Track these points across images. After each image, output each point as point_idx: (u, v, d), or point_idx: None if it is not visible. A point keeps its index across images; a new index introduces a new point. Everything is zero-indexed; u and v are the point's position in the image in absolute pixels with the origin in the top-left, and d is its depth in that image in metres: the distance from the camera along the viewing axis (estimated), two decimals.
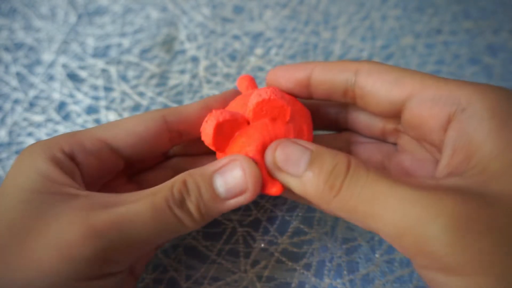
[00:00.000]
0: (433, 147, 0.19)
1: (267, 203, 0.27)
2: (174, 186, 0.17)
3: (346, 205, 0.16)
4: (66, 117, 0.32)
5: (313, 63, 0.20)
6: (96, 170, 0.20)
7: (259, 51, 0.36)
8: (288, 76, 0.21)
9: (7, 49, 0.37)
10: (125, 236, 0.16)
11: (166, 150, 0.23)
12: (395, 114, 0.18)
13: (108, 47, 0.37)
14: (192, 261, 0.25)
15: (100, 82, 0.34)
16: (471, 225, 0.13)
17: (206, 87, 0.34)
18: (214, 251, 0.25)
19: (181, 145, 0.24)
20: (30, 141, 0.31)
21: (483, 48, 0.35)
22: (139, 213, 0.16)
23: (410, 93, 0.17)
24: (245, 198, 0.18)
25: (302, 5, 0.40)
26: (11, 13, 0.40)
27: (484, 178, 0.14)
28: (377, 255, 0.24)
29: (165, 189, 0.17)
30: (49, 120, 0.32)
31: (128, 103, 0.33)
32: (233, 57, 0.36)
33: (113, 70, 0.35)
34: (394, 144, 0.23)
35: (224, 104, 0.22)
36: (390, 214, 0.14)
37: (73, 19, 0.39)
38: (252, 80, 0.23)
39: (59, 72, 0.35)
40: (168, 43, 0.37)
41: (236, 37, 0.37)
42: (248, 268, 0.24)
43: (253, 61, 0.35)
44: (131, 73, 0.35)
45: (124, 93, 0.34)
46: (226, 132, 0.18)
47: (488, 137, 0.15)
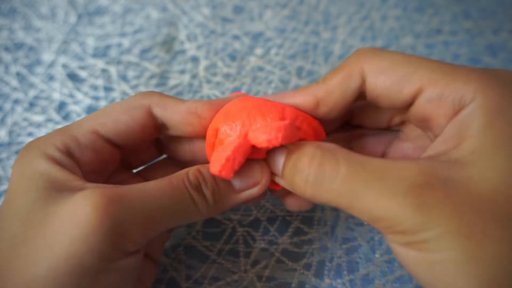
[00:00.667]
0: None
1: (267, 203, 0.27)
2: (190, 172, 0.18)
3: (321, 197, 0.16)
4: (66, 117, 0.32)
5: (312, 87, 0.19)
6: (95, 162, 0.20)
7: (259, 51, 0.36)
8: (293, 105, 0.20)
9: (7, 49, 0.37)
10: (140, 208, 0.16)
11: (154, 137, 0.22)
12: (404, 108, 0.19)
13: (108, 47, 0.37)
14: (192, 261, 0.25)
15: (100, 82, 0.34)
16: (432, 203, 0.14)
17: (206, 87, 0.34)
18: (214, 251, 0.25)
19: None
20: None
21: (483, 48, 0.35)
22: (158, 188, 0.16)
23: (419, 89, 0.17)
24: (257, 190, 0.19)
25: (302, 5, 0.40)
26: (11, 13, 0.40)
27: (453, 163, 0.15)
28: (377, 255, 0.24)
29: (182, 173, 0.18)
30: (49, 120, 0.32)
31: None
32: (233, 57, 0.36)
33: (113, 70, 0.35)
34: (397, 130, 0.23)
35: (214, 113, 0.20)
36: (365, 202, 0.15)
37: (73, 19, 0.39)
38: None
39: (59, 72, 0.35)
40: (168, 43, 0.37)
41: (236, 37, 0.37)
42: (248, 268, 0.24)
43: (253, 61, 0.35)
44: (131, 73, 0.35)
45: (124, 93, 0.34)
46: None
47: (476, 132, 0.15)
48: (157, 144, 0.24)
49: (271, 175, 0.19)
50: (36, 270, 0.15)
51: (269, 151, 0.19)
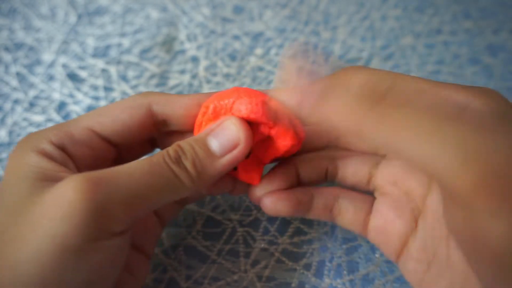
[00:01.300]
0: None
1: None
2: (169, 148, 0.18)
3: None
4: (66, 117, 0.32)
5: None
6: (90, 159, 0.20)
7: (259, 51, 0.36)
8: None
9: (7, 49, 0.37)
10: (122, 188, 0.16)
11: (152, 136, 0.22)
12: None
13: (108, 47, 0.37)
14: (192, 261, 0.25)
15: (100, 82, 0.34)
16: None
17: (206, 87, 0.34)
18: (214, 251, 0.25)
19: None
20: None
21: (483, 48, 0.35)
22: (137, 167, 0.17)
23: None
24: (239, 151, 0.19)
25: (302, 5, 0.40)
26: (11, 13, 0.40)
27: None
28: (377, 255, 0.24)
29: (162, 151, 0.18)
30: (49, 120, 0.32)
31: None
32: (233, 57, 0.36)
33: (113, 70, 0.35)
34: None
35: None
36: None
37: (73, 19, 0.39)
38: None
39: (59, 72, 0.35)
40: (168, 43, 0.37)
41: (236, 37, 0.37)
42: (248, 268, 0.24)
43: (253, 61, 0.35)
44: (131, 73, 0.35)
45: (124, 93, 0.34)
46: None
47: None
48: (150, 139, 0.24)
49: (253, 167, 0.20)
50: (21, 254, 0.15)
51: None
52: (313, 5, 0.40)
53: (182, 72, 0.35)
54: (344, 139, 0.23)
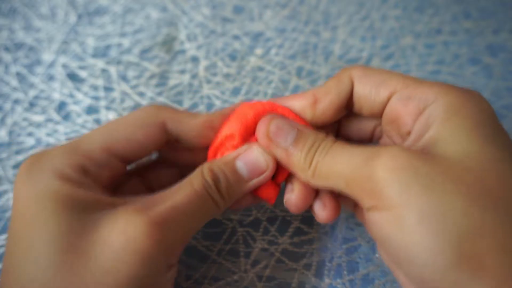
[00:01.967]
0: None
1: (267, 203, 0.27)
2: (205, 174, 0.19)
3: (316, 173, 0.19)
4: (66, 117, 0.32)
5: (311, 92, 0.21)
6: (107, 179, 0.20)
7: (259, 51, 0.36)
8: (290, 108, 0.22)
9: (7, 49, 0.37)
10: (180, 224, 0.17)
11: (160, 149, 0.23)
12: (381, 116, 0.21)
13: (108, 47, 0.37)
14: (192, 261, 0.25)
15: (100, 82, 0.34)
16: (398, 165, 0.16)
17: (206, 87, 0.34)
18: (214, 251, 0.25)
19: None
20: (30, 141, 0.31)
21: (483, 48, 0.35)
22: (188, 202, 0.18)
23: (393, 90, 0.20)
24: (265, 177, 0.20)
25: (302, 5, 0.40)
26: (11, 13, 0.40)
27: (419, 150, 0.17)
28: (377, 255, 0.24)
29: (199, 178, 0.19)
30: (49, 120, 0.32)
31: (128, 103, 0.33)
32: (233, 57, 0.36)
33: (113, 70, 0.35)
34: (377, 143, 0.24)
35: None
36: (340, 169, 0.18)
37: (73, 19, 0.39)
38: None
39: (59, 72, 0.35)
40: (168, 43, 0.37)
41: (236, 37, 0.37)
42: (248, 268, 0.24)
43: (253, 61, 0.35)
44: (131, 73, 0.35)
45: (124, 93, 0.34)
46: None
47: (437, 126, 0.18)
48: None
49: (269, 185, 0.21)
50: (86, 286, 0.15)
51: None
52: (313, 5, 0.40)
53: (182, 72, 0.35)
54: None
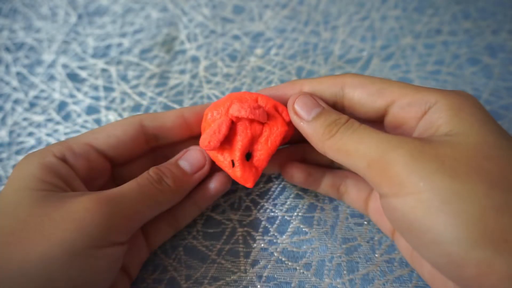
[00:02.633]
0: None
1: (267, 203, 0.27)
2: (149, 172, 0.22)
3: (335, 145, 0.20)
4: (66, 117, 0.32)
5: (298, 81, 0.24)
6: (88, 170, 0.22)
7: (259, 51, 0.36)
8: (278, 96, 0.24)
9: (7, 49, 0.37)
10: (122, 206, 0.20)
11: (144, 152, 0.25)
12: (379, 118, 0.22)
13: (108, 47, 0.37)
14: (192, 261, 0.25)
15: (100, 82, 0.34)
16: (422, 154, 0.17)
17: (206, 87, 0.34)
18: (214, 251, 0.25)
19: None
20: (30, 141, 0.31)
21: (483, 48, 0.35)
22: (131, 189, 0.21)
23: (391, 101, 0.21)
24: (205, 170, 0.24)
25: (302, 5, 0.40)
26: (12, 13, 0.40)
27: (434, 137, 0.19)
28: (377, 255, 0.24)
29: (143, 175, 0.22)
30: (49, 120, 0.32)
31: (128, 103, 0.33)
32: (233, 57, 0.36)
33: (113, 70, 0.35)
34: None
35: (198, 116, 0.24)
36: (365, 150, 0.19)
37: (73, 19, 0.39)
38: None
39: (59, 72, 0.35)
40: (168, 43, 0.37)
41: (236, 37, 0.37)
42: (248, 268, 0.24)
43: (253, 61, 0.35)
44: (131, 73, 0.35)
45: (124, 93, 0.34)
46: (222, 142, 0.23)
47: (446, 121, 0.19)
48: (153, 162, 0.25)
49: (246, 170, 0.23)
50: (30, 255, 0.17)
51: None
52: (313, 5, 0.40)
53: (182, 72, 0.35)
54: None
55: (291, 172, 0.25)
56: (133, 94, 0.33)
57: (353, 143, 0.19)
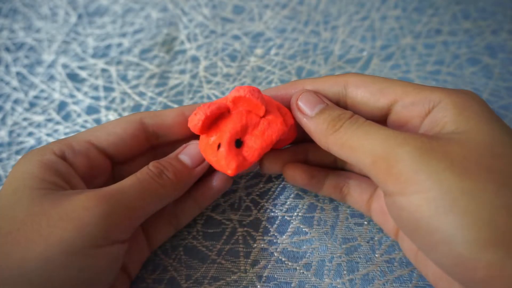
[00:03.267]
0: None
1: (267, 203, 0.27)
2: (149, 166, 0.21)
3: (339, 140, 0.20)
4: (66, 117, 0.32)
5: (300, 81, 0.23)
6: (88, 168, 0.22)
7: (259, 51, 0.36)
8: (280, 96, 0.24)
9: (7, 49, 0.37)
10: (122, 203, 0.19)
11: (144, 150, 0.24)
12: (382, 117, 0.22)
13: (108, 47, 0.37)
14: (192, 261, 0.25)
15: (100, 82, 0.34)
16: (430, 151, 0.17)
17: (206, 87, 0.34)
18: (214, 251, 0.25)
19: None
20: (30, 141, 0.31)
21: (483, 48, 0.35)
22: (130, 185, 0.20)
23: (394, 100, 0.21)
24: (206, 164, 0.23)
25: (302, 5, 0.40)
26: (12, 13, 0.40)
27: (440, 134, 0.18)
28: (377, 255, 0.24)
29: (143, 170, 0.21)
30: (49, 120, 0.32)
31: (128, 103, 0.33)
32: (233, 57, 0.36)
33: (113, 70, 0.35)
34: None
35: None
36: (370, 146, 0.18)
37: (73, 19, 0.39)
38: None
39: (59, 72, 0.35)
40: (168, 43, 0.37)
41: (236, 37, 0.37)
42: (248, 268, 0.24)
43: (253, 61, 0.35)
44: (131, 73, 0.35)
45: (124, 93, 0.34)
46: (211, 119, 0.22)
47: (451, 119, 0.18)
48: (143, 154, 0.25)
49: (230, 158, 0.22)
50: (28, 254, 0.17)
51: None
52: (313, 5, 0.40)
53: (182, 72, 0.35)
54: None
55: (293, 174, 0.24)
56: (133, 94, 0.33)
57: (357, 139, 0.19)
